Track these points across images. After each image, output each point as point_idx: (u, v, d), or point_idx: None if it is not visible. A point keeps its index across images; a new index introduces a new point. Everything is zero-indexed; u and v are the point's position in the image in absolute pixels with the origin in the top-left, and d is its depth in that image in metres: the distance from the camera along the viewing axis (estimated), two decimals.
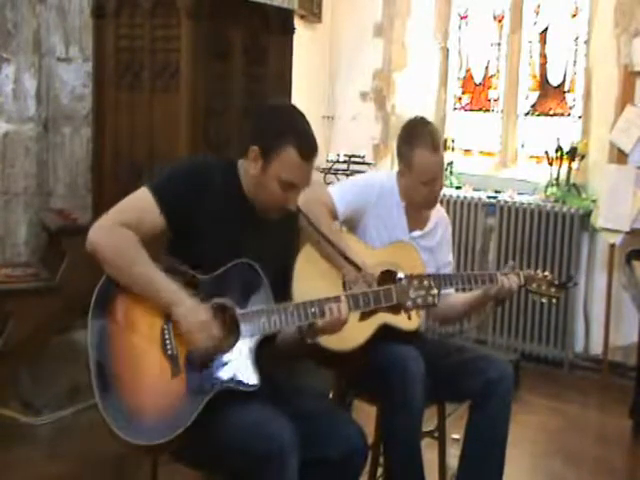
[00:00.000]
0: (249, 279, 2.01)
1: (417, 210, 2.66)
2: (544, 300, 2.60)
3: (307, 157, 2.02)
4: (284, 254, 2.22)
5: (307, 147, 2.03)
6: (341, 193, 2.58)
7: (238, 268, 2.01)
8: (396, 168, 2.69)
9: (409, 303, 2.10)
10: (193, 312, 1.90)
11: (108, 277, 1.93)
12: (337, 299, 2.02)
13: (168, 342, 1.91)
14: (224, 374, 1.93)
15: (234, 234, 2.05)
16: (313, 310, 2.00)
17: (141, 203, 1.98)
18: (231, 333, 1.97)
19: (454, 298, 2.68)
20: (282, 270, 2.18)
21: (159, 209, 1.97)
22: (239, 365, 1.94)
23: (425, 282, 2.11)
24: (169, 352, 1.90)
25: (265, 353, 2.01)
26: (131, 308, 1.92)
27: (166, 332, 1.92)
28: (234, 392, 1.92)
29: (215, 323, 1.92)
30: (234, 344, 1.96)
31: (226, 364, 1.94)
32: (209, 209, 2.02)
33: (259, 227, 2.09)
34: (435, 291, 2.09)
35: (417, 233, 2.66)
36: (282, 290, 2.12)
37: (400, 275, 2.14)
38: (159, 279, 1.92)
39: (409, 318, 2.16)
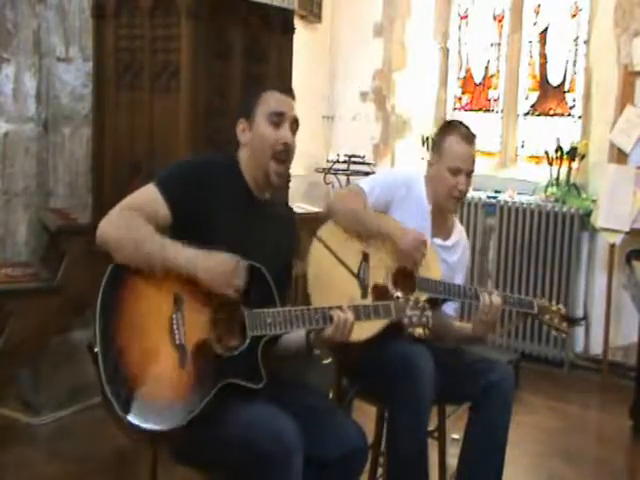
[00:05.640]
0: (255, 282, 2.03)
1: (441, 212, 2.65)
2: (554, 333, 2.61)
3: (286, 90, 2.17)
4: (287, 249, 2.27)
5: (282, 84, 2.26)
6: (371, 186, 2.63)
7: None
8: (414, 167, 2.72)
9: (406, 320, 2.15)
10: (211, 269, 1.93)
11: (113, 268, 1.93)
12: (340, 308, 2.06)
13: (176, 332, 1.92)
14: (231, 370, 1.94)
15: (240, 228, 2.09)
16: (317, 316, 2.03)
17: (147, 196, 2.02)
18: (238, 332, 1.99)
19: (455, 325, 2.67)
20: (285, 263, 2.24)
21: (165, 202, 2.00)
22: (246, 363, 1.96)
23: (420, 304, 2.15)
24: (177, 342, 1.91)
25: (267, 352, 2.02)
26: (140, 297, 1.93)
27: (174, 322, 1.92)
28: (238, 388, 1.93)
29: (234, 272, 1.96)
30: (241, 343, 1.98)
31: (233, 361, 1.95)
32: (215, 203, 2.05)
33: (264, 222, 2.15)
34: (429, 313, 2.15)
35: (438, 241, 2.66)
36: (285, 283, 2.18)
37: (398, 294, 2.22)
38: (170, 248, 1.94)
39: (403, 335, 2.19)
